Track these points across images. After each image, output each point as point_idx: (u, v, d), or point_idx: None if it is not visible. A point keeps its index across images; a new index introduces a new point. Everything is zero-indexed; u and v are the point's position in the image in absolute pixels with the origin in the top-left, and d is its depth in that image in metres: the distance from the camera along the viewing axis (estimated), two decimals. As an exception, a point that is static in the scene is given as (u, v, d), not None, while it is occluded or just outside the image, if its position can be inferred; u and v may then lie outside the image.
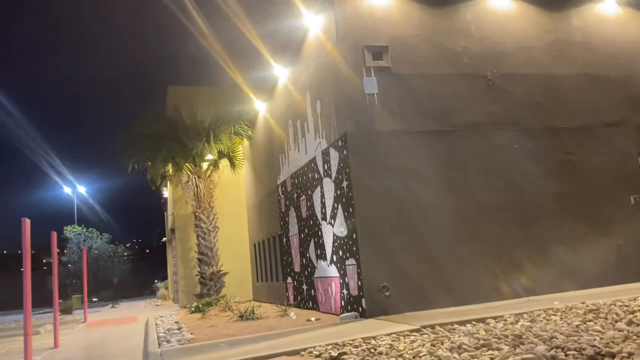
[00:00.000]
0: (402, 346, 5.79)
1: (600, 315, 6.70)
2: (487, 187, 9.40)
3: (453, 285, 8.84)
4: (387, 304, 8.39)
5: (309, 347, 6.18)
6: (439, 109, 9.40)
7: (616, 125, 10.36)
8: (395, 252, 8.69)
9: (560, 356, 4.85)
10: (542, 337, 5.69)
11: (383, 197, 8.82)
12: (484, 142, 9.53)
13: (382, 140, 8.99)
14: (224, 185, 17.68)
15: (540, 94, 10.02)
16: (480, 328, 6.49)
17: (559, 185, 9.78)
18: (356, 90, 9.02)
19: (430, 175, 9.14)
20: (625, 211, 10.03)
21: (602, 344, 5.26)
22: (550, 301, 8.15)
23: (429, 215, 9.01)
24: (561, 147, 9.95)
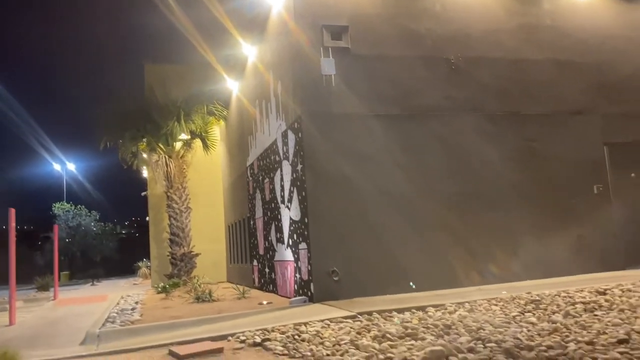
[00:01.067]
0: (328, 333, 5.68)
1: (540, 307, 6.60)
2: (445, 173, 9.23)
3: (407, 271, 8.72)
4: (336, 289, 8.27)
5: (239, 332, 6.06)
6: (399, 93, 9.19)
7: (583, 113, 10.17)
8: (348, 237, 8.56)
9: (478, 348, 4.74)
10: (471, 327, 5.58)
11: (337, 181, 8.65)
12: (444, 127, 9.34)
13: (338, 124, 8.79)
14: (199, 165, 17.48)
15: (506, 79, 9.80)
16: (415, 317, 6.38)
17: (521, 172, 9.62)
18: (314, 71, 8.79)
19: (387, 161, 8.95)
20: (588, 201, 9.89)
21: (527, 336, 5.16)
22: (500, 290, 8.05)
23: (385, 200, 8.85)
24: (524, 134, 9.76)
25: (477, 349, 4.68)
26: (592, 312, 6.19)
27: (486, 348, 4.72)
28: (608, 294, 7.10)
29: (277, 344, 5.39)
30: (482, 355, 4.48)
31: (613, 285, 7.54)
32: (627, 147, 10.29)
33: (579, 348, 4.63)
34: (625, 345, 4.72)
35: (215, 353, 5.23)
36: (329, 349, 5.05)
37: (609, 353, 4.48)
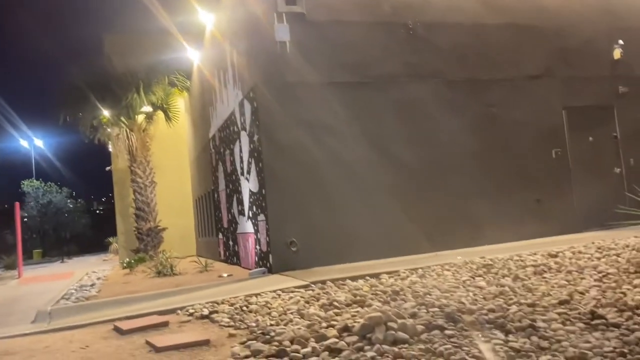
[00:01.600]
0: (277, 303, 5.64)
1: (491, 271, 6.66)
2: (404, 141, 9.17)
3: (366, 240, 8.71)
4: (294, 260, 8.24)
5: (189, 306, 5.99)
6: (356, 60, 9.02)
7: (542, 78, 10.16)
8: (306, 207, 8.48)
9: (421, 313, 4.74)
10: (419, 293, 5.60)
11: (294, 151, 8.52)
12: (403, 94, 9.23)
13: (294, 92, 8.61)
14: (164, 138, 17.15)
15: (465, 45, 9.69)
16: (367, 284, 6.38)
17: (480, 139, 9.61)
18: (267, 38, 8.55)
19: (344, 129, 8.84)
20: (547, 165, 9.97)
21: (472, 300, 5.19)
22: (456, 256, 8.10)
23: (343, 170, 8.77)
24: (483, 100, 9.73)
25: (419, 314, 4.69)
26: (541, 274, 6.26)
27: (428, 313, 4.73)
28: (559, 256, 7.20)
29: (224, 316, 5.33)
30: (423, 319, 4.48)
31: (565, 248, 7.65)
32: (585, 111, 10.35)
33: (520, 310, 4.67)
34: (566, 306, 4.78)
35: (159, 327, 5.15)
36: (274, 319, 5.01)
37: (548, 314, 4.53)
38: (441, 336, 4.14)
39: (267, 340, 4.29)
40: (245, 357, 3.97)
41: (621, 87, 10.63)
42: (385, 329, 4.18)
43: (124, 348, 4.49)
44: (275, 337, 4.32)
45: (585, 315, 4.45)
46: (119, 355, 4.26)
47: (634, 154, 10.45)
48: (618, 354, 3.57)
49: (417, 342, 4.09)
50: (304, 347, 4.04)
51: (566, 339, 3.98)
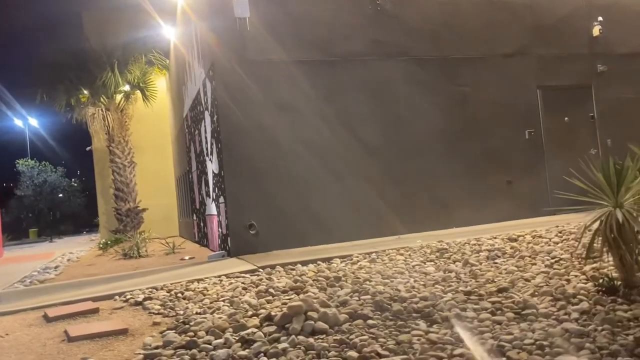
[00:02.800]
0: (215, 290, 5.50)
1: (445, 255, 6.49)
2: (371, 121, 8.93)
3: (332, 222, 8.54)
4: (254, 243, 8.08)
5: (128, 291, 5.85)
6: (321, 37, 8.73)
7: (516, 56, 9.85)
8: (268, 189, 8.29)
9: (352, 300, 4.58)
10: (360, 279, 5.44)
11: (255, 132, 8.29)
12: (370, 73, 8.96)
13: (255, 71, 8.34)
14: (146, 118, 16.88)
15: (436, 22, 9.37)
16: (314, 269, 6.22)
17: (451, 119, 9.36)
18: (227, 14, 8.25)
19: (309, 109, 8.60)
20: (519, 146, 9.72)
21: (410, 287, 5.03)
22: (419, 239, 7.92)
23: (307, 150, 8.55)
24: (455, 79, 9.44)
25: (350, 302, 4.53)
26: (494, 259, 6.09)
27: (359, 300, 4.57)
28: (519, 240, 7.02)
29: (156, 303, 5.19)
30: (350, 308, 4.32)
31: (528, 232, 7.46)
32: (561, 90, 10.06)
33: (453, 299, 4.50)
34: (504, 294, 4.62)
35: (88, 314, 5.01)
36: (204, 306, 4.86)
37: (481, 303, 4.37)
38: (362, 326, 3.98)
39: (184, 330, 4.15)
40: (156, 347, 3.82)
41: (600, 66, 10.31)
42: (304, 319, 4.02)
43: (40, 337, 4.35)
44: (192, 326, 4.17)
45: (518, 305, 4.29)
46: (31, 345, 4.12)
47: (612, 134, 10.18)
48: (537, 347, 3.41)
49: (336, 332, 3.94)
50: (218, 338, 3.89)
51: (490, 330, 3.83)
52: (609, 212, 4.34)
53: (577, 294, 4.45)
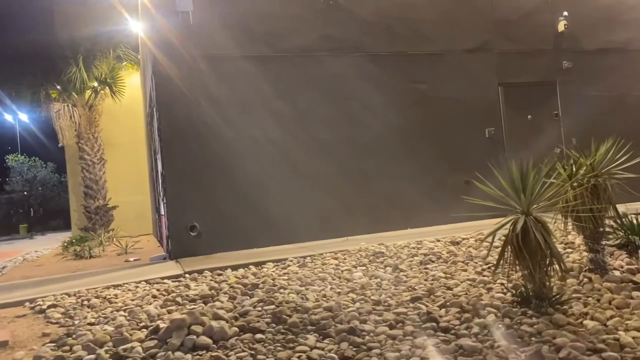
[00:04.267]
0: (124, 297, 5.24)
1: (379, 259, 6.24)
2: (324, 119, 8.66)
3: (280, 224, 8.28)
4: (196, 245, 7.83)
5: (41, 297, 5.59)
6: (269, 32, 8.44)
7: (477, 52, 9.56)
8: (212, 189, 8.03)
9: (254, 311, 4.32)
10: (277, 286, 5.19)
11: (199, 129, 8.02)
12: (322, 69, 8.68)
13: (199, 66, 8.07)
14: (118, 114, 16.56)
15: (391, 16, 9.07)
16: (238, 274, 5.96)
17: (408, 117, 9.08)
18: (169, 8, 7.97)
19: (257, 106, 8.33)
20: (479, 145, 9.45)
21: (321, 295, 4.78)
22: (368, 241, 7.67)
23: (255, 149, 8.29)
24: (411, 75, 9.16)
25: (250, 313, 4.28)
26: (426, 264, 5.85)
27: (261, 311, 4.33)
28: (461, 244, 6.77)
29: (59, 311, 4.94)
30: (244, 320, 4.08)
31: (474, 235, 7.20)
32: (524, 87, 9.79)
33: (359, 309, 4.26)
34: (414, 304, 4.37)
35: (-17, 323, 4.76)
36: (101, 316, 4.61)
37: (385, 314, 4.12)
38: (248, 341, 3.74)
39: (63, 344, 3.90)
40: (23, 364, 3.59)
41: (565, 62, 10.03)
42: (186, 334, 3.78)
43: None
44: (72, 340, 3.93)
45: (421, 317, 4.04)
46: None
47: (577, 133, 9.89)
48: (420, 367, 3.17)
49: (218, 347, 3.69)
50: (91, 354, 3.64)
51: (380, 345, 3.58)
52: (516, 220, 4.09)
53: (491, 305, 4.21)
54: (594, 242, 4.91)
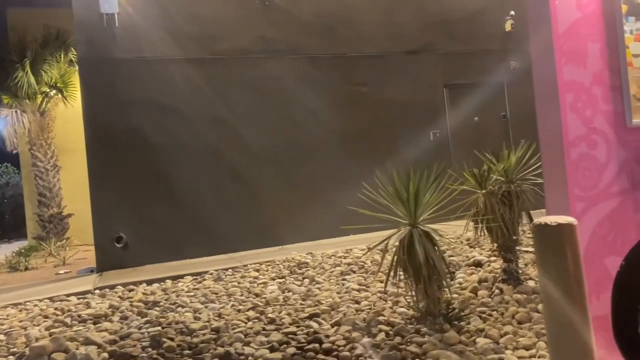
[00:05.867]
0: (19, 317, 4.91)
1: (301, 270, 5.99)
2: (261, 123, 8.39)
3: (214, 233, 7.99)
4: (123, 257, 7.51)
5: None
6: (201, 34, 8.16)
7: (421, 53, 9.36)
8: (141, 199, 7.72)
9: (137, 334, 4.03)
10: (178, 304, 4.90)
11: (127, 137, 7.71)
12: (258, 72, 8.41)
13: (126, 71, 7.76)
14: (74, 119, 16.06)
15: (331, 17, 8.84)
16: (146, 290, 5.67)
17: (349, 120, 8.84)
18: (93, 10, 7.65)
19: (189, 111, 8.04)
20: (423, 149, 9.22)
21: (218, 314, 4.50)
22: (306, 249, 7.41)
23: (188, 155, 8.00)
24: (353, 77, 8.93)
25: (132, 336, 3.98)
26: (345, 275, 5.61)
27: (144, 334, 4.04)
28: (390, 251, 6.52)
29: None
30: (118, 345, 3.79)
31: (409, 241, 6.95)
32: (470, 88, 9.59)
33: (248, 329, 3.99)
34: (307, 322, 4.11)
35: None
36: (-24, 341, 4.28)
37: (273, 334, 3.85)
38: (113, 369, 3.45)
39: None
40: None
41: (513, 62, 9.87)
42: (45, 362, 3.48)
43: None
44: None
45: (308, 337, 3.79)
46: None
47: (525, 134, 9.66)
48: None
49: (78, 377, 3.40)
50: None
51: (253, 372, 3.32)
52: (402, 232, 3.87)
53: (387, 322, 3.98)
54: (506, 251, 4.71)
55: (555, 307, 2.14)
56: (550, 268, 2.12)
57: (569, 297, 2.12)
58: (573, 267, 2.10)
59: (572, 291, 2.11)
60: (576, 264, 2.11)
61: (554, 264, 2.12)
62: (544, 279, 2.16)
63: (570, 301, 2.12)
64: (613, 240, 2.68)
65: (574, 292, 2.11)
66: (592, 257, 2.65)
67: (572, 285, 2.11)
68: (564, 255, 2.10)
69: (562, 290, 2.11)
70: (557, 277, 2.11)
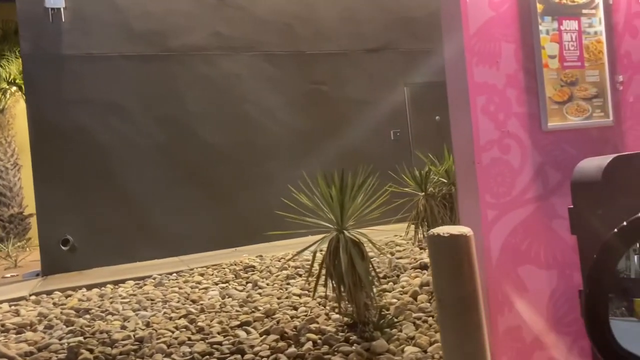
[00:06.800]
0: None
1: (246, 274, 5.83)
2: (215, 122, 8.20)
3: (166, 235, 7.78)
4: (69, 260, 7.26)
5: None
6: (153, 30, 7.92)
7: (382, 51, 9.25)
8: (88, 199, 7.47)
9: (55, 345, 3.84)
10: (109, 311, 4.71)
11: (73, 135, 7.46)
12: (213, 69, 8.21)
13: (72, 67, 7.50)
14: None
15: (289, 14, 8.67)
16: (82, 296, 5.46)
17: (308, 119, 8.69)
18: (37, 4, 7.37)
19: (139, 110, 7.81)
20: (384, 148, 9.15)
21: (145, 322, 4.32)
22: (260, 250, 7.26)
23: (139, 155, 7.78)
24: (312, 76, 8.79)
25: (51, 347, 3.79)
26: (290, 279, 5.47)
27: (63, 345, 3.84)
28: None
29: None
30: (32, 358, 3.60)
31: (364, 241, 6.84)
32: (432, 87, 9.49)
33: (171, 340, 3.82)
34: (239, 330, 3.96)
35: None
36: None
37: (198, 345, 3.69)
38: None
39: None
40: None
41: (474, 62, 9.80)
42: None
43: None
44: None
45: (232, 348, 3.64)
46: None
47: (487, 133, 9.70)
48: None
49: (-21, 394, 3.21)
50: None
51: (165, 386, 3.16)
52: (328, 237, 3.75)
53: (319, 330, 3.84)
54: (447, 254, 4.61)
55: (450, 317, 2.02)
56: (443, 279, 2.01)
57: (463, 308, 2.01)
58: (467, 278, 1.99)
59: (465, 301, 2.00)
60: (470, 274, 2.00)
61: (448, 275, 2.00)
62: (437, 289, 2.05)
63: (465, 311, 2.01)
64: (527, 249, 2.58)
65: (468, 303, 2.00)
66: (505, 266, 2.54)
67: (466, 296, 2.00)
68: (457, 266, 1.99)
69: (456, 300, 2.00)
70: (450, 287, 2.00)
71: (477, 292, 2.02)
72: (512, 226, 2.55)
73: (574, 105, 2.70)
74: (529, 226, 2.57)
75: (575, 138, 2.69)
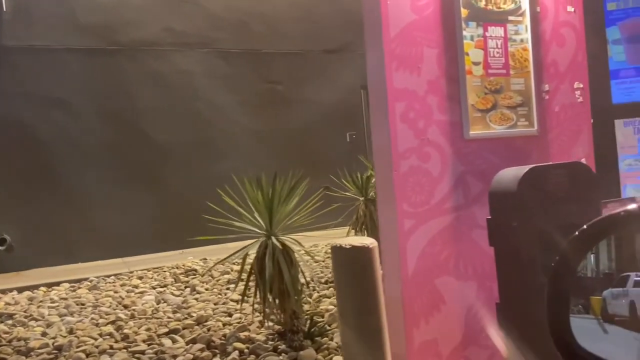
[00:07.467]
0: None
1: (186, 278, 5.67)
2: (165, 119, 7.97)
3: (108, 235, 7.49)
4: (7, 260, 6.93)
5: None
6: (101, 22, 7.64)
7: (339, 52, 9.18)
8: (28, 198, 7.15)
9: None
10: (32, 316, 4.48)
11: (13, 132, 7.12)
12: (163, 65, 7.98)
13: (12, 59, 7.16)
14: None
15: (244, 11, 8.50)
16: (9, 300, 5.20)
17: (262, 118, 8.55)
18: (-24, -8, 7.02)
19: (85, 105, 7.52)
20: (339, 150, 9.06)
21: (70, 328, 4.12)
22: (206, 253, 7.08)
23: (83, 152, 7.48)
24: (267, 75, 8.65)
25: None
26: (231, 284, 5.33)
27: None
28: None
29: None
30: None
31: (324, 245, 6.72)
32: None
33: (91, 348, 3.64)
34: (165, 338, 3.80)
35: None
36: None
37: (119, 354, 3.52)
38: None
39: None
40: None
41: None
42: None
43: None
44: None
45: (156, 356, 3.48)
46: None
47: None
48: None
49: None
50: None
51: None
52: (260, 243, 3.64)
53: (248, 339, 3.72)
54: (387, 260, 4.54)
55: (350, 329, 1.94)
56: (344, 290, 1.93)
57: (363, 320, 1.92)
58: (368, 290, 1.91)
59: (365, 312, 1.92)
60: (372, 287, 1.92)
61: (348, 288, 1.92)
62: (339, 299, 1.96)
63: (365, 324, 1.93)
64: (445, 260, 2.51)
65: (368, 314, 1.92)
66: (422, 278, 2.47)
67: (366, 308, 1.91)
68: (358, 278, 1.90)
69: (357, 312, 1.91)
70: (351, 298, 1.91)
71: (378, 305, 1.93)
72: (430, 236, 2.48)
73: (498, 113, 2.66)
74: (448, 236, 2.51)
75: (498, 147, 2.64)
